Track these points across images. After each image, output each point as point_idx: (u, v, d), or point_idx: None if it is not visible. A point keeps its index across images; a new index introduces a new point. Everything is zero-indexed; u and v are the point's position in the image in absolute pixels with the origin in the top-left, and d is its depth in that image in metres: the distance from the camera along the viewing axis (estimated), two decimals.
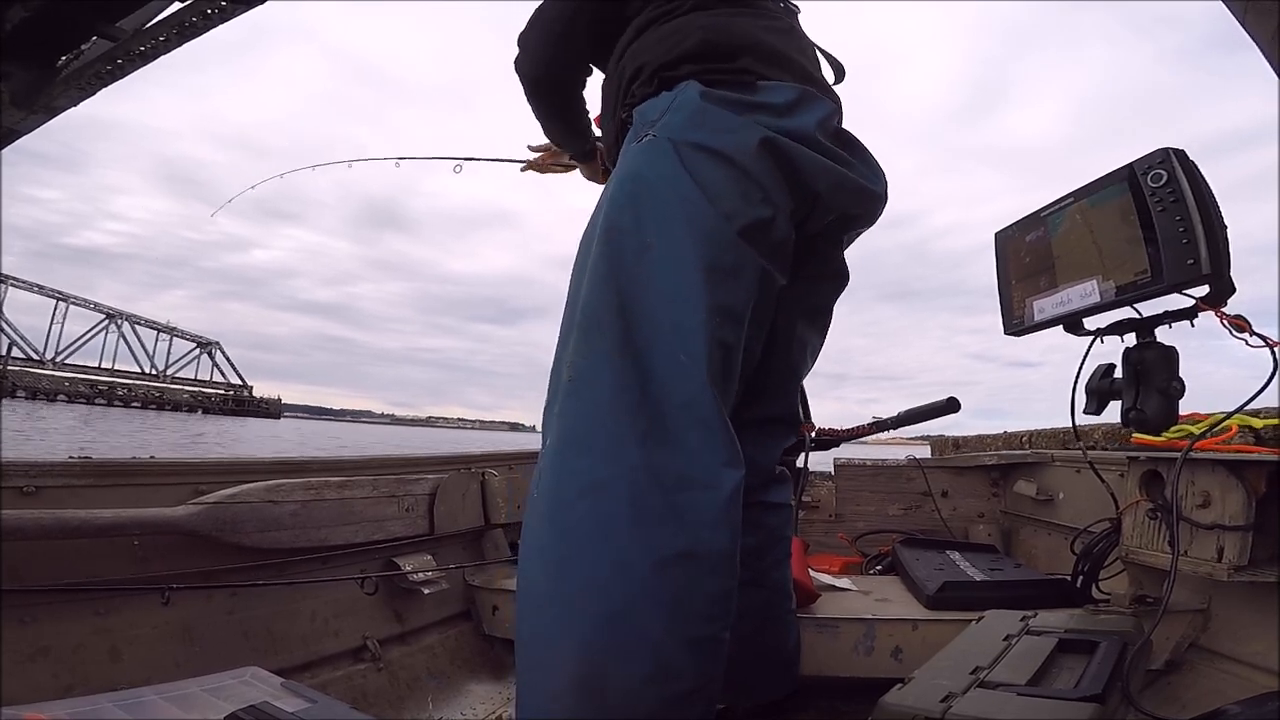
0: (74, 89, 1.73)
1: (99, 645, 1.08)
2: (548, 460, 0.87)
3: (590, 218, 1.01)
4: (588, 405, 0.86)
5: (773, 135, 0.97)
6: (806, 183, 1.01)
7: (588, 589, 0.79)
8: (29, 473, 1.11)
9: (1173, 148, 1.11)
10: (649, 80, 1.05)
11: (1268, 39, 1.19)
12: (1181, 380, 1.20)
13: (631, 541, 0.79)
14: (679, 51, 1.04)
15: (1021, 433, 3.40)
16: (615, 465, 0.82)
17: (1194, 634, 1.20)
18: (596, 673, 0.76)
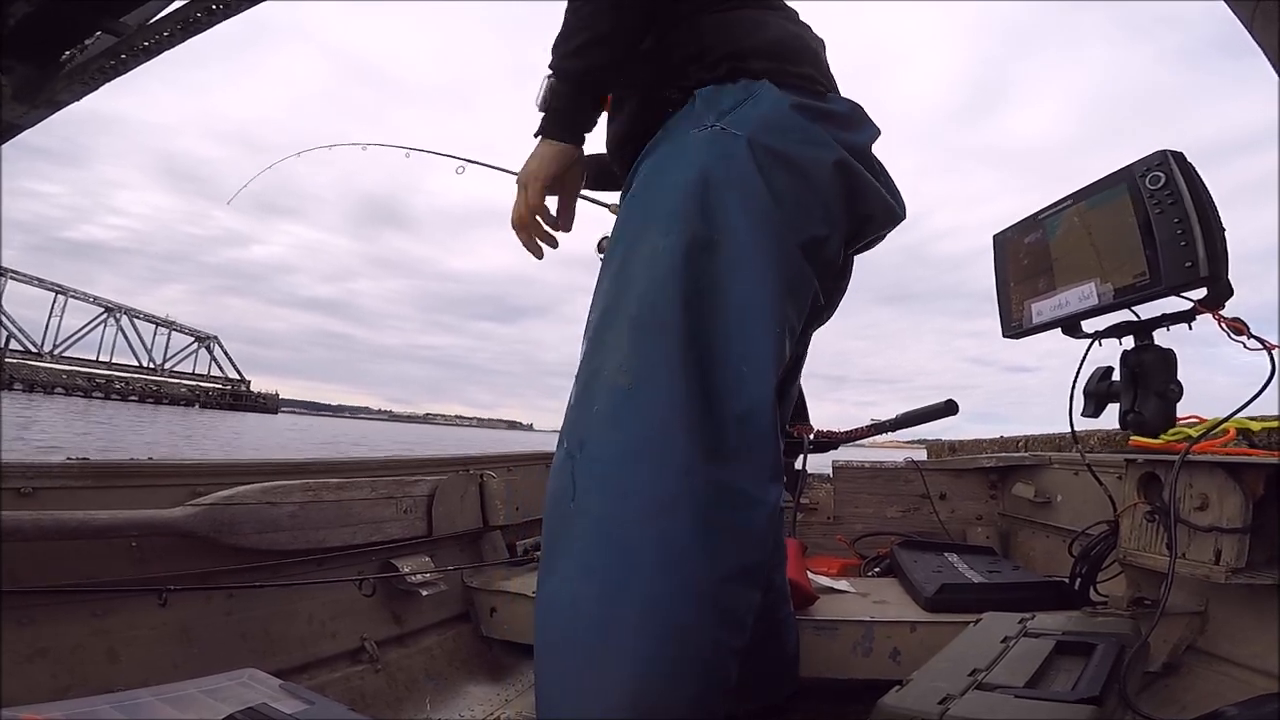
0: (77, 84, 1.73)
1: (97, 646, 1.07)
2: (601, 471, 0.82)
3: (635, 199, 0.97)
4: (649, 414, 0.82)
5: (845, 156, 0.97)
6: (863, 205, 1.01)
7: (650, 610, 0.76)
8: (26, 474, 1.11)
9: (1171, 150, 1.11)
10: (715, 65, 1.00)
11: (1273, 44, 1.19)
12: (1179, 383, 1.20)
13: (699, 563, 0.79)
14: (751, 43, 1.00)
15: (1018, 438, 3.40)
16: (683, 482, 0.79)
17: (1192, 636, 1.20)
18: (654, 690, 0.75)
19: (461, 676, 1.56)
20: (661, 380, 0.82)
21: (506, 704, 1.47)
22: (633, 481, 0.80)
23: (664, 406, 0.81)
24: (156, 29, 1.65)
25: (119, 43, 1.67)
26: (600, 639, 0.77)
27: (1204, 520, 1.08)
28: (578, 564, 0.81)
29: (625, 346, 0.85)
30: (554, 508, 0.87)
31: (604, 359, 0.87)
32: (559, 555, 0.83)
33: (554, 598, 0.82)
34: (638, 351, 0.84)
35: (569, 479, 0.84)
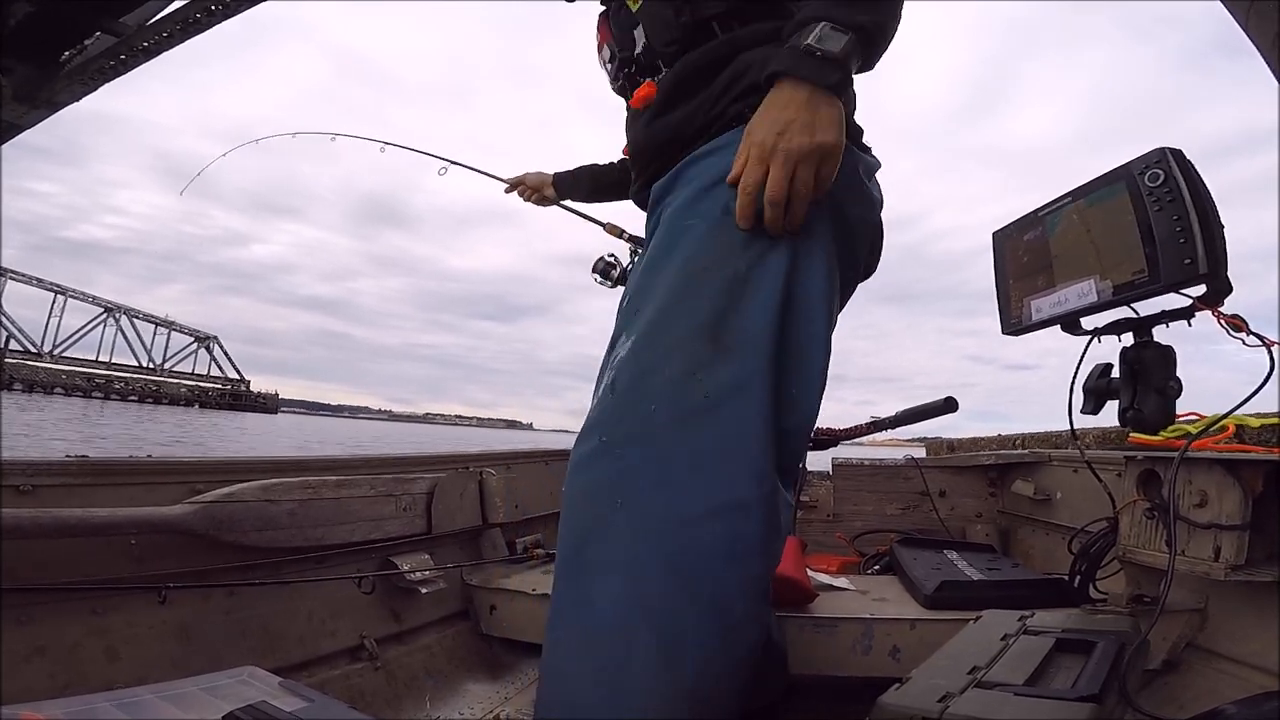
0: (77, 84, 1.73)
1: (96, 644, 1.07)
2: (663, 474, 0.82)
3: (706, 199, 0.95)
4: (728, 426, 0.83)
5: (881, 222, 1.06)
6: (878, 255, 1.10)
7: (714, 608, 0.79)
8: (25, 471, 1.10)
9: (1170, 147, 1.11)
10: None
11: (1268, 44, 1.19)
12: (1179, 379, 1.20)
13: (758, 561, 0.83)
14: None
15: (1015, 435, 3.41)
16: (756, 488, 0.83)
17: (1191, 633, 1.20)
18: (714, 682, 0.77)
19: (461, 674, 1.56)
20: (747, 397, 0.84)
21: (506, 701, 1.47)
22: (701, 483, 0.81)
23: (744, 421, 0.84)
24: (156, 29, 1.65)
25: (119, 43, 1.67)
26: (660, 637, 0.77)
27: (1203, 517, 1.08)
28: (629, 562, 0.80)
29: (700, 356, 0.85)
30: (590, 506, 0.85)
31: (664, 360, 0.86)
32: (601, 554, 0.82)
33: (601, 597, 0.81)
34: (724, 366, 0.85)
35: (614, 473, 0.84)
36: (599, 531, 0.83)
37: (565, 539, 0.87)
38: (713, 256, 0.90)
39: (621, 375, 0.88)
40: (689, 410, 0.83)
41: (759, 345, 0.86)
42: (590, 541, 0.84)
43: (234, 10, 1.61)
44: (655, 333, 0.88)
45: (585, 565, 0.83)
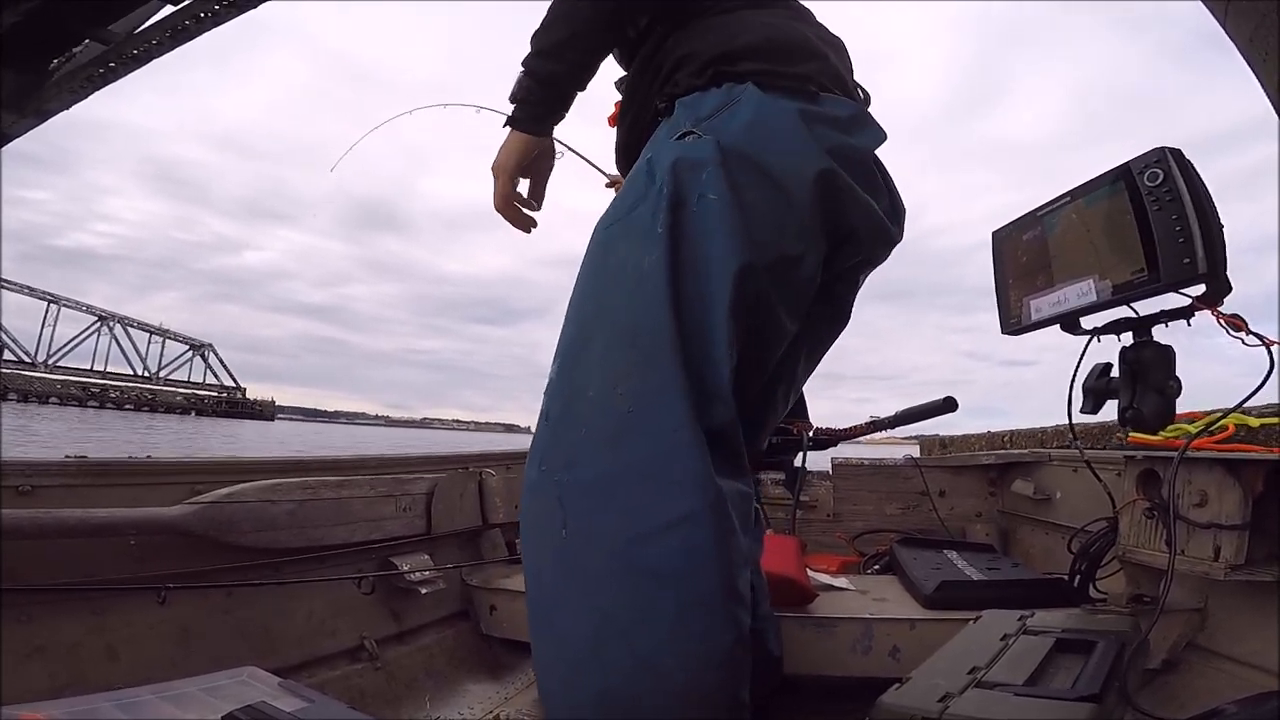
0: (65, 92, 1.73)
1: (95, 645, 1.07)
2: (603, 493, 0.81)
3: (611, 211, 0.94)
4: (655, 435, 0.81)
5: (830, 167, 0.92)
6: (847, 221, 0.96)
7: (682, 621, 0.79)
8: (25, 472, 1.11)
9: (1169, 147, 1.11)
10: (700, 71, 0.97)
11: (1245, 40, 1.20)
12: (1178, 379, 1.20)
13: (720, 563, 0.81)
14: (737, 44, 0.97)
15: (1004, 432, 3.42)
16: (698, 497, 0.80)
17: (1191, 633, 1.20)
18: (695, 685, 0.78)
19: (461, 674, 1.56)
20: (668, 403, 0.82)
21: (506, 701, 1.47)
22: (643, 500, 0.80)
23: (671, 429, 0.81)
24: (145, 37, 1.65)
25: (107, 51, 1.67)
26: (633, 655, 0.78)
27: (1203, 517, 1.08)
28: (585, 590, 0.81)
29: (618, 367, 0.83)
30: (539, 536, 0.86)
31: (588, 378, 0.85)
32: (558, 582, 0.83)
33: (564, 624, 0.82)
34: (635, 373, 0.82)
35: (555, 502, 0.83)
36: (552, 559, 0.84)
37: (527, 566, 0.88)
38: (615, 264, 0.89)
39: (553, 401, 0.88)
40: (616, 428, 0.82)
41: (663, 344, 0.83)
42: (544, 570, 0.85)
43: (223, 17, 1.61)
44: (577, 352, 0.88)
45: (544, 593, 0.85)
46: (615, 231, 0.91)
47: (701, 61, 0.97)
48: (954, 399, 2.17)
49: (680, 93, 0.98)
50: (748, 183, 0.89)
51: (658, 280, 0.84)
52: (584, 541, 0.81)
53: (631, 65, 1.09)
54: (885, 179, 1.06)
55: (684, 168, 0.88)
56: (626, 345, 0.84)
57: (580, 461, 0.83)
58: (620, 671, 0.78)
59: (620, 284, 0.87)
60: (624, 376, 0.83)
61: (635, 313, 0.84)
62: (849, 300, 1.14)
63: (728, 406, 0.85)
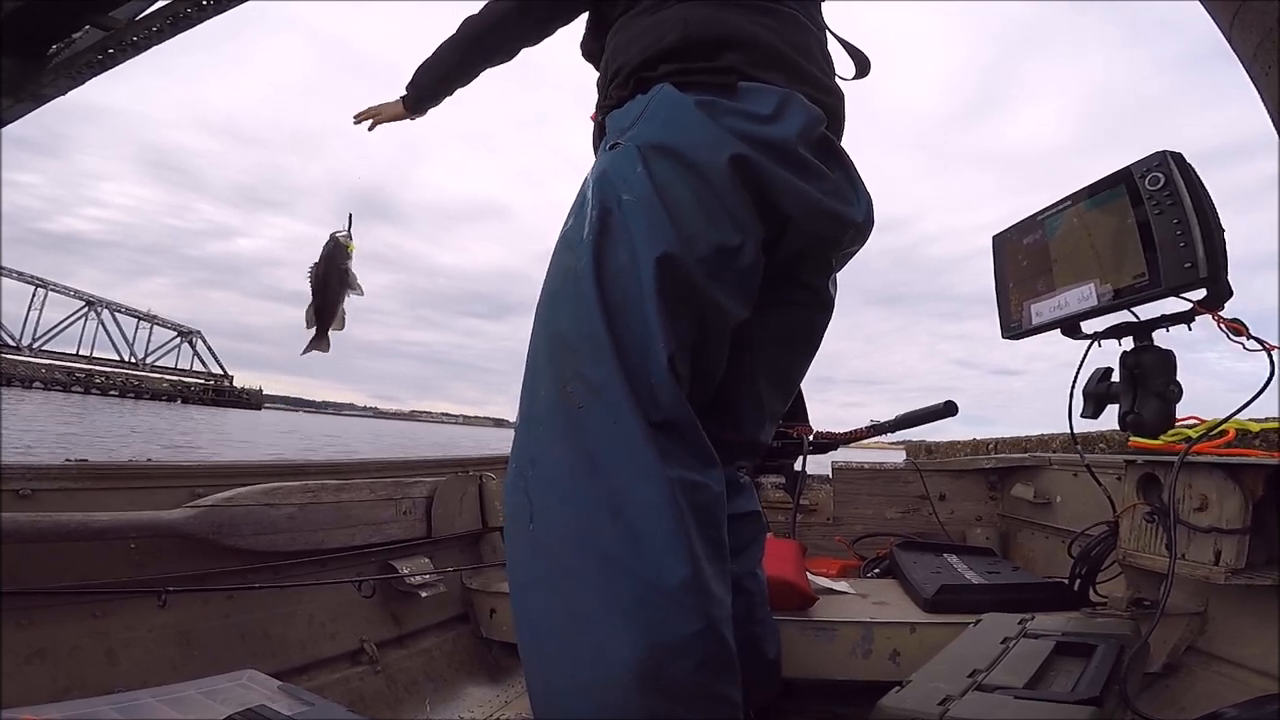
0: (64, 78, 1.72)
1: (96, 648, 1.07)
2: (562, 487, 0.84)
3: (568, 219, 0.97)
4: (602, 428, 0.84)
5: (745, 153, 0.91)
6: (777, 205, 0.95)
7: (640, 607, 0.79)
8: (25, 476, 1.11)
9: (1170, 151, 1.11)
10: (625, 82, 1.01)
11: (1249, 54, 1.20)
12: (1179, 384, 1.20)
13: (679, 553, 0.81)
14: (657, 49, 0.98)
15: (989, 440, 3.42)
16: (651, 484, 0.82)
17: (1191, 637, 1.20)
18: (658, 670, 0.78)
19: (461, 678, 1.56)
20: (609, 397, 0.84)
21: (506, 705, 1.47)
22: (595, 490, 0.83)
23: (615, 422, 0.84)
24: (146, 24, 1.65)
25: (107, 37, 1.66)
26: (597, 638, 0.79)
27: (1203, 521, 1.08)
28: (549, 578, 0.84)
29: (562, 368, 0.88)
30: (514, 529, 0.90)
31: (540, 380, 0.90)
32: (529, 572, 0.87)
33: (536, 613, 0.85)
34: (578, 372, 0.86)
35: (524, 496, 0.87)
36: (521, 550, 0.88)
37: (507, 558, 0.92)
38: (556, 273, 0.94)
39: (521, 402, 0.93)
40: (567, 424, 0.86)
41: (598, 343, 0.85)
42: (519, 561, 0.88)
43: (225, 6, 1.61)
44: (534, 356, 0.92)
45: (519, 584, 0.89)
46: (558, 245, 0.97)
47: (625, 74, 1.01)
48: (954, 403, 2.18)
49: (612, 105, 1.02)
50: (669, 179, 0.90)
51: (587, 283, 0.88)
52: (547, 532, 0.85)
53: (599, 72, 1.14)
54: (833, 160, 1.04)
55: (608, 177, 0.92)
56: (567, 347, 0.88)
57: (541, 457, 0.87)
58: (585, 659, 0.80)
59: (560, 291, 0.91)
60: (569, 377, 0.87)
61: (573, 317, 0.89)
62: (825, 286, 1.11)
63: (673, 397, 0.86)
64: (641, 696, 0.77)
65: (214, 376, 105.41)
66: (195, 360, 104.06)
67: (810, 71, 1.05)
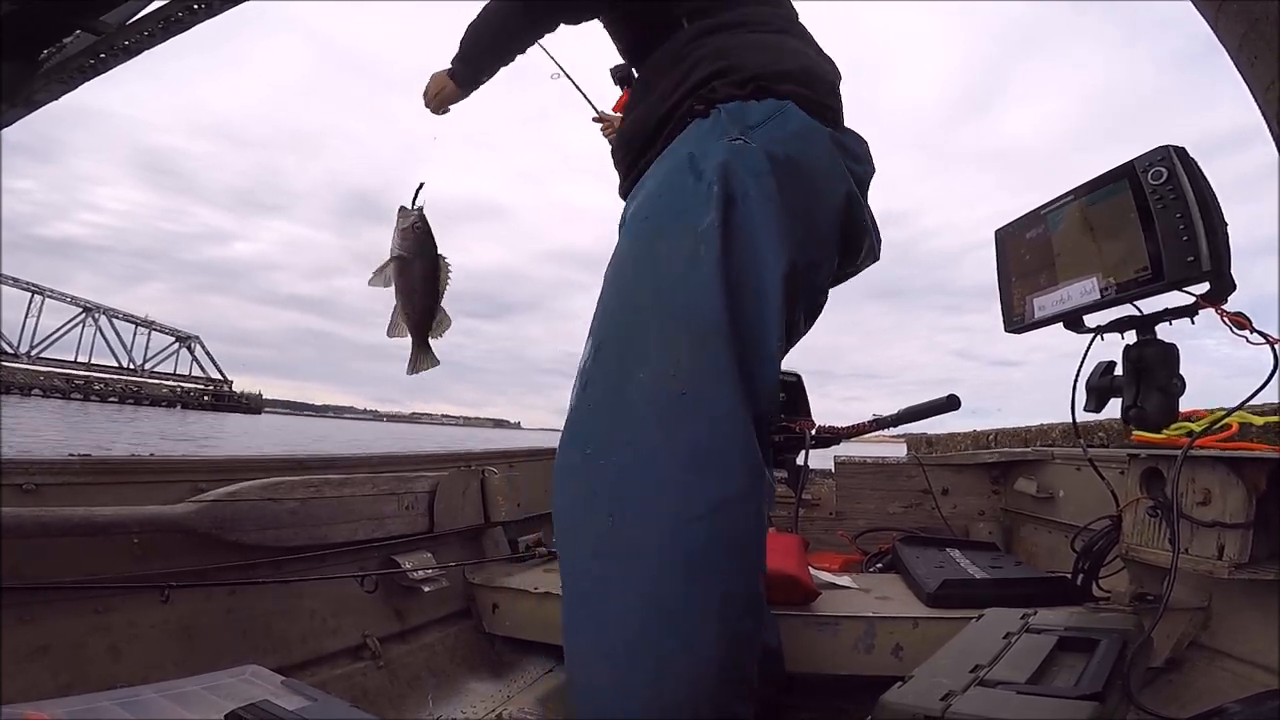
0: (55, 82, 1.72)
1: (99, 643, 1.07)
2: (656, 477, 0.82)
3: (653, 200, 0.98)
4: (710, 418, 0.83)
5: (854, 190, 1.01)
6: (855, 241, 1.05)
7: (720, 606, 0.80)
8: (28, 470, 1.11)
9: (1173, 145, 1.11)
10: (743, 84, 1.02)
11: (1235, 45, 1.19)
12: (1182, 377, 1.20)
13: (758, 552, 0.85)
14: (781, 68, 1.04)
15: (989, 431, 3.41)
16: (745, 481, 0.83)
17: (1194, 632, 1.20)
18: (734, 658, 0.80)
19: (464, 673, 1.56)
20: (720, 385, 0.84)
21: (509, 700, 1.47)
22: (693, 480, 0.81)
23: (724, 415, 0.83)
24: (137, 28, 1.64)
25: (98, 41, 1.65)
26: (684, 643, 0.79)
27: (1207, 515, 1.07)
28: (634, 575, 0.81)
29: (673, 351, 0.85)
30: (581, 523, 0.86)
31: (639, 361, 0.86)
32: (607, 569, 0.83)
33: (615, 613, 0.81)
34: (690, 356, 0.84)
35: (600, 486, 0.84)
36: (596, 547, 0.84)
37: (564, 556, 0.88)
38: (665, 253, 0.92)
39: (595, 385, 0.89)
40: (668, 410, 0.83)
41: (718, 331, 0.85)
42: (585, 559, 0.85)
43: (216, 10, 1.60)
44: (626, 336, 0.90)
45: (594, 581, 0.84)
46: (659, 223, 0.94)
47: (744, 75, 1.02)
48: (956, 397, 2.17)
49: (719, 99, 1.01)
50: (790, 191, 0.94)
51: (711, 271, 0.87)
52: (631, 527, 0.81)
53: (644, 62, 1.15)
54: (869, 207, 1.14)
55: (734, 169, 0.92)
56: (681, 330, 0.86)
57: (629, 443, 0.84)
58: (672, 660, 0.78)
59: (672, 272, 0.89)
60: (678, 360, 0.84)
61: (690, 300, 0.87)
62: (821, 304, 1.16)
63: (771, 400, 0.88)
64: (721, 693, 0.78)
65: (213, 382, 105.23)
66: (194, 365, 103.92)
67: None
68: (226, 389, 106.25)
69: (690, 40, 1.08)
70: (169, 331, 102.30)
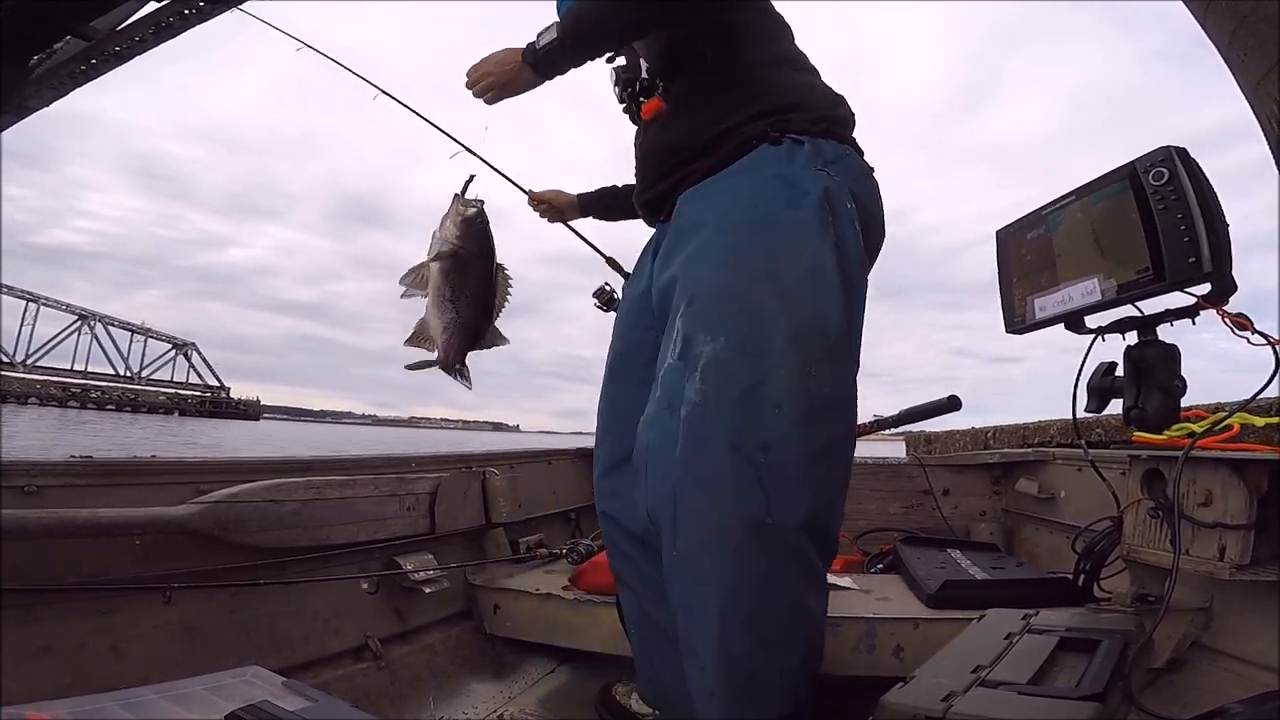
0: (46, 88, 1.71)
1: (101, 644, 1.08)
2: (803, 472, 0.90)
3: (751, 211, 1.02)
4: (844, 419, 0.97)
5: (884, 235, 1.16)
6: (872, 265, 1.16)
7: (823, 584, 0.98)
8: (30, 472, 1.11)
9: (1174, 146, 1.11)
10: (815, 121, 1.09)
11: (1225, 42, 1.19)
12: (1183, 378, 1.20)
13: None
14: (839, 114, 1.13)
15: (988, 429, 3.41)
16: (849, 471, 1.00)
17: (1196, 633, 1.20)
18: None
19: (465, 674, 1.56)
20: (850, 383, 0.99)
21: (510, 701, 1.47)
22: (833, 474, 0.95)
23: (854, 409, 0.99)
24: (128, 33, 1.63)
25: (89, 47, 1.64)
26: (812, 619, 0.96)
27: (1208, 516, 1.07)
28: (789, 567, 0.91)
29: (813, 352, 0.93)
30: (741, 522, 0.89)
31: (781, 360, 0.92)
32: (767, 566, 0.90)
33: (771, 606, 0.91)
34: (828, 357, 0.94)
35: (758, 486, 0.89)
36: (752, 543, 0.89)
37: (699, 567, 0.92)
38: (789, 261, 0.98)
39: (730, 383, 0.93)
40: (812, 407, 0.92)
41: (846, 334, 0.97)
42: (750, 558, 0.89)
43: (208, 14, 1.60)
44: (764, 335, 0.94)
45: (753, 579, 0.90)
46: (770, 235, 1.01)
47: (816, 114, 1.10)
48: (957, 398, 2.17)
49: (793, 130, 1.07)
50: (861, 224, 1.05)
51: (833, 281, 0.98)
52: (785, 522, 0.88)
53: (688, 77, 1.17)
54: None
55: (832, 196, 1.02)
56: (819, 334, 0.95)
57: (780, 440, 0.90)
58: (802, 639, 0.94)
59: (800, 286, 0.97)
60: (818, 360, 0.93)
61: (821, 306, 0.96)
62: None
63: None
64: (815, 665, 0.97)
65: (210, 388, 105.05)
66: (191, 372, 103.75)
67: None
68: (224, 395, 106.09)
69: (758, 67, 1.13)
70: (166, 338, 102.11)
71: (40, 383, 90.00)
